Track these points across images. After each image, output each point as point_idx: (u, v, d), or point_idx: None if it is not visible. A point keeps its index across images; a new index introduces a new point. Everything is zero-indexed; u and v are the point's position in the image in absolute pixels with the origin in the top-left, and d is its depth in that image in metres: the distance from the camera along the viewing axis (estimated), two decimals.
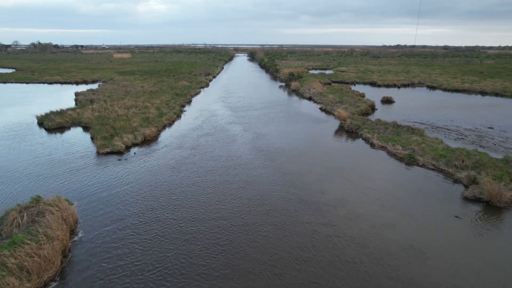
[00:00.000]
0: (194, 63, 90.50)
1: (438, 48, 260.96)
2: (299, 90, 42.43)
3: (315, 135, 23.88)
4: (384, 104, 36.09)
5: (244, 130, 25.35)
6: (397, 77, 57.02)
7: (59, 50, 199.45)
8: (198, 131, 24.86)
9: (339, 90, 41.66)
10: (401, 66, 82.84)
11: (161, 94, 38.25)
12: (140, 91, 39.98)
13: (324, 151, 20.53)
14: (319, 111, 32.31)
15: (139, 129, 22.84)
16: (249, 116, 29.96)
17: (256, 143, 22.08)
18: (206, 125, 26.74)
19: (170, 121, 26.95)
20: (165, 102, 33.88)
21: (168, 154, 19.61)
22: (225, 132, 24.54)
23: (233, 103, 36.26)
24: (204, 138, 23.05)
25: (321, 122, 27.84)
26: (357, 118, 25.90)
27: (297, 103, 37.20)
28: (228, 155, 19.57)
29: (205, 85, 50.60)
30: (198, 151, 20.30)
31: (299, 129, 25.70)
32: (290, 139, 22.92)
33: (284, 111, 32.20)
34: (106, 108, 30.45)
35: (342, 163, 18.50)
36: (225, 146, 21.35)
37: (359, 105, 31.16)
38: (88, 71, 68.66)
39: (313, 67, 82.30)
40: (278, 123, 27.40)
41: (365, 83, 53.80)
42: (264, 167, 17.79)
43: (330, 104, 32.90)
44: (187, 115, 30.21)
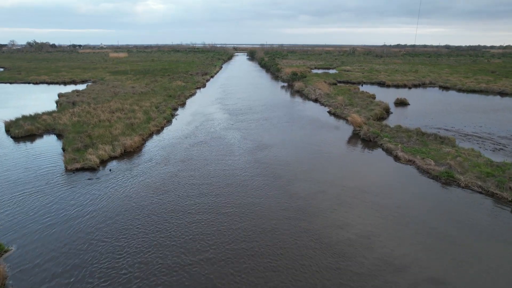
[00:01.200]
0: (191, 63, 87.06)
1: (440, 47, 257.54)
2: (304, 91, 39.00)
3: (326, 145, 20.46)
4: (398, 106, 32.68)
5: (243, 138, 21.95)
6: (406, 77, 53.63)
7: (55, 49, 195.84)
8: (190, 139, 21.44)
9: (347, 91, 38.26)
10: (407, 66, 79.47)
11: (152, 96, 34.82)
12: (130, 92, 36.55)
13: (339, 166, 17.12)
14: (328, 115, 28.88)
15: (120, 139, 19.39)
16: (249, 121, 26.55)
17: (256, 154, 18.67)
18: (200, 131, 23.32)
19: (158, 127, 23.49)
20: (155, 104, 30.44)
21: (151, 170, 16.18)
22: (221, 141, 21.12)
23: (231, 106, 32.84)
24: (197, 148, 19.63)
25: (331, 129, 24.41)
26: (374, 124, 22.48)
27: (302, 105, 33.78)
28: (223, 172, 16.16)
29: (201, 86, 47.17)
30: (188, 166, 16.88)
31: (307, 137, 22.29)
32: (296, 150, 19.51)
33: (288, 115, 28.78)
34: (88, 112, 27.02)
35: (362, 182, 15.09)
36: (220, 159, 17.93)
37: (373, 109, 27.74)
38: (80, 70, 65.21)
39: (316, 66, 78.88)
40: (281, 130, 23.98)
41: (373, 83, 50.40)
42: (266, 187, 14.38)
43: (340, 107, 29.47)
44: (179, 120, 26.78)
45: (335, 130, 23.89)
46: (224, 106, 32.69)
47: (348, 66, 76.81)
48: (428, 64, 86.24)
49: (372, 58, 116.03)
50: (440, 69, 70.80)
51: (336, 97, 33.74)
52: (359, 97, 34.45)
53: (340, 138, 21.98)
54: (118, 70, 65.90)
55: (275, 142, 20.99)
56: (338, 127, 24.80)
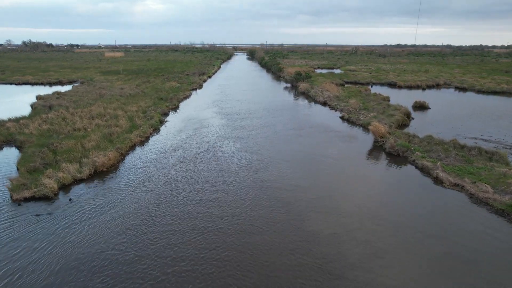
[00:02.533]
0: (189, 62, 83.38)
1: (440, 47, 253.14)
2: (310, 93, 35.31)
3: (343, 161, 16.79)
4: (416, 110, 29.01)
5: (242, 149, 18.29)
6: (418, 77, 49.99)
7: (51, 49, 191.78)
8: (179, 152, 17.76)
9: (358, 93, 34.61)
10: (414, 65, 75.87)
11: (141, 99, 31.12)
12: (117, 95, 32.84)
13: (365, 191, 13.45)
14: (340, 121, 25.19)
15: (92, 154, 15.68)
16: (249, 128, 22.88)
17: (258, 173, 15.02)
18: (192, 142, 19.64)
19: (142, 137, 19.77)
20: (143, 109, 26.75)
21: (125, 200, 12.49)
22: (216, 154, 17.45)
23: (229, 109, 29.15)
24: (186, 166, 15.95)
25: (347, 138, 20.73)
26: (399, 134, 18.78)
27: (309, 109, 30.10)
28: (217, 199, 12.49)
29: (197, 87, 43.47)
30: (174, 191, 13.20)
31: (318, 149, 18.62)
32: (306, 167, 15.85)
33: (294, 121, 25.10)
34: (64, 118, 23.33)
35: (400, 217, 11.43)
36: (214, 181, 14.25)
37: (392, 114, 24.07)
38: (70, 70, 61.46)
39: (319, 66, 75.24)
40: (287, 139, 20.32)
41: (383, 84, 46.77)
42: (272, 226, 10.72)
43: (354, 111, 25.80)
44: (169, 127, 23.08)
45: (352, 141, 20.20)
46: (222, 110, 29.01)
47: (352, 65, 73.18)
48: (435, 64, 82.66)
49: (376, 58, 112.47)
50: (450, 68, 67.21)
51: (347, 100, 30.07)
52: (372, 100, 30.80)
53: (359, 151, 18.30)
54: (110, 70, 62.19)
55: (280, 155, 17.32)
56: (355, 136, 21.11)
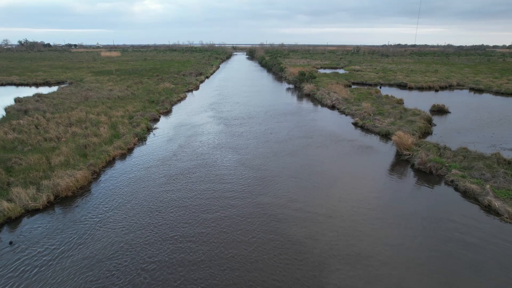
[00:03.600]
0: (186, 62, 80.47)
1: (441, 47, 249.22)
2: (316, 95, 32.33)
3: (364, 180, 13.84)
4: (435, 115, 26.05)
5: (240, 163, 15.35)
6: (428, 78, 47.05)
7: (47, 48, 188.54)
8: (166, 168, 14.80)
9: (368, 95, 31.68)
10: (421, 65, 72.98)
11: (130, 102, 28.16)
12: (104, 97, 29.87)
13: (400, 231, 10.49)
14: (353, 127, 22.24)
15: (56, 174, 12.70)
16: (249, 135, 19.94)
17: (261, 197, 12.08)
18: (183, 154, 16.68)
19: (124, 149, 16.77)
20: (130, 114, 23.81)
21: (90, 239, 9.53)
22: (211, 171, 14.49)
23: (227, 113, 26.20)
24: (173, 186, 12.99)
25: (364, 150, 17.77)
26: (431, 146, 15.79)
27: (316, 113, 27.14)
28: (210, 238, 9.54)
29: (194, 88, 40.49)
30: (155, 224, 10.25)
31: (331, 164, 15.68)
32: (321, 190, 12.89)
33: (300, 127, 22.16)
34: (37, 124, 20.38)
35: (454, 274, 8.49)
36: (207, 208, 11.29)
37: (412, 120, 21.14)
38: (61, 70, 58.45)
39: (322, 66, 72.34)
40: (293, 150, 17.37)
41: (391, 85, 43.86)
42: (281, 276, 7.77)
43: (368, 116, 22.85)
44: (157, 136, 20.11)
45: (370, 153, 17.23)
46: (219, 114, 26.05)
47: (357, 65, 70.26)
48: (441, 64, 79.80)
49: (379, 58, 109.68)
50: (459, 68, 64.31)
51: (358, 103, 27.13)
52: (385, 103, 27.88)
53: (381, 166, 15.34)
54: (103, 70, 59.20)
55: (286, 172, 14.37)
56: (373, 147, 18.15)
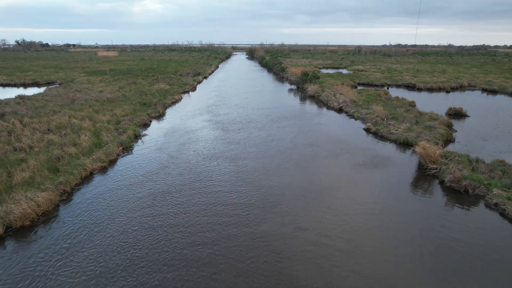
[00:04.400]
0: (184, 62, 78.26)
1: (441, 47, 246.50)
2: (321, 97, 30.07)
3: (388, 204, 11.61)
4: (452, 118, 23.81)
5: (238, 179, 13.14)
6: (437, 78, 44.83)
7: (45, 48, 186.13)
8: (151, 185, 12.57)
9: (377, 97, 29.48)
10: (425, 65, 70.81)
11: (120, 104, 25.93)
12: (92, 99, 27.64)
13: (440, 268, 8.26)
14: (364, 133, 20.01)
15: (13, 197, 10.47)
16: (248, 142, 17.71)
17: (262, 227, 9.85)
18: (172, 167, 14.45)
19: (104, 162, 14.51)
20: (118, 118, 21.59)
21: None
22: (202, 190, 12.26)
23: (224, 117, 23.97)
24: (156, 211, 10.75)
25: (381, 161, 15.54)
26: (464, 159, 13.51)
27: (322, 116, 24.90)
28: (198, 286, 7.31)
29: (190, 89, 38.26)
30: (128, 269, 8.02)
31: (345, 179, 13.46)
32: (335, 216, 10.66)
33: (305, 133, 19.94)
34: (11, 131, 18.17)
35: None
36: (194, 245, 9.06)
37: (431, 126, 18.92)
38: (53, 70, 56.22)
39: (324, 65, 70.17)
40: (299, 161, 15.15)
41: (399, 86, 41.67)
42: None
43: (381, 122, 20.63)
44: (145, 144, 17.87)
45: (388, 165, 15.00)
46: (215, 118, 23.82)
47: (360, 65, 68.04)
48: (446, 63, 77.62)
49: (381, 57, 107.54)
50: (466, 68, 62.11)
51: (368, 105, 24.92)
52: (397, 106, 25.68)
53: (403, 182, 13.10)
54: (97, 70, 56.98)
55: (291, 188, 12.16)
56: (391, 158, 15.90)
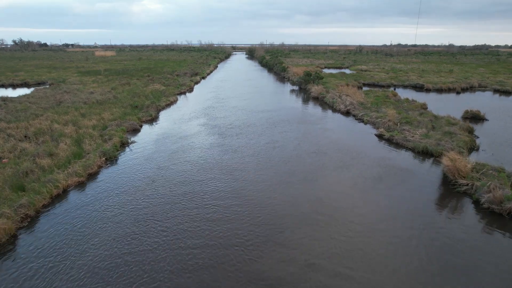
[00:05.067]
0: (182, 62, 76.37)
1: (442, 47, 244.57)
2: (325, 99, 28.14)
3: (415, 229, 9.70)
4: (468, 122, 21.91)
5: (236, 197, 11.23)
6: (445, 78, 42.95)
7: (43, 48, 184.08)
8: (132, 208, 10.66)
9: (385, 99, 27.59)
10: (430, 65, 68.97)
11: (109, 107, 24.04)
12: (81, 101, 25.73)
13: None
14: (377, 140, 18.10)
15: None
16: (247, 151, 15.80)
17: (264, 263, 7.94)
18: (160, 182, 12.55)
19: (81, 176, 12.57)
20: (106, 123, 19.68)
21: None
22: (193, 213, 10.35)
23: (222, 121, 22.07)
24: (135, 245, 8.84)
25: (400, 174, 13.63)
26: (503, 175, 11.58)
27: (328, 120, 22.99)
28: None
29: (187, 90, 36.35)
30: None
31: (361, 195, 11.57)
32: (354, 247, 8.76)
33: (310, 139, 18.03)
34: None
35: None
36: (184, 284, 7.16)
37: (451, 131, 17.03)
38: (46, 70, 54.31)
39: (326, 65, 68.32)
40: (305, 173, 13.25)
41: (406, 87, 39.80)
42: None
43: (394, 127, 18.73)
44: (132, 153, 15.95)
45: (408, 178, 13.07)
46: (212, 122, 21.92)
47: (363, 65, 66.16)
48: (450, 63, 75.75)
49: (383, 57, 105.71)
50: (472, 68, 60.24)
51: (377, 108, 23.03)
52: (407, 108, 23.81)
53: (428, 201, 11.18)
54: (91, 70, 55.06)
55: (298, 208, 10.26)
56: (411, 170, 13.97)
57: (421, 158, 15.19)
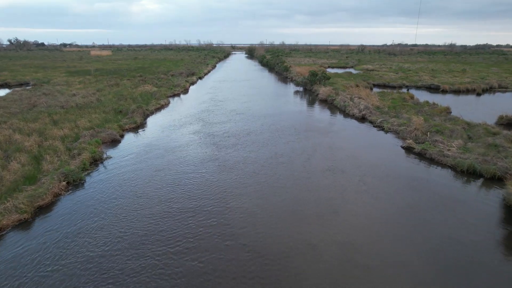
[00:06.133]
0: (179, 61, 73.28)
1: (444, 46, 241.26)
2: (335, 101, 25.00)
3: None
4: (504, 128, 18.83)
5: (231, 238, 8.15)
6: (460, 79, 39.86)
7: (39, 48, 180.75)
8: (94, 262, 7.59)
9: (402, 101, 24.53)
10: (438, 64, 65.94)
11: (89, 112, 20.95)
12: (58, 105, 22.64)
13: None
14: (404, 153, 15.00)
15: None
16: (246, 169, 12.72)
17: None
18: (131, 219, 9.47)
19: (25, 212, 9.44)
20: (80, 132, 16.58)
21: None
22: (174, 263, 7.28)
23: (218, 127, 18.98)
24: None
25: (449, 205, 10.56)
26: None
27: (341, 128, 19.89)
28: None
29: (181, 91, 33.25)
30: None
31: (400, 239, 8.51)
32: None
33: (322, 152, 14.95)
34: None
35: None
36: None
37: (497, 144, 13.96)
38: (33, 70, 51.18)
39: (329, 65, 65.26)
40: (321, 202, 10.17)
41: (419, 87, 36.72)
42: None
43: (422, 136, 15.64)
44: (105, 171, 12.86)
45: (463, 212, 9.99)
46: (207, 129, 18.83)
47: (368, 64, 63.08)
48: (457, 62, 72.67)
49: (387, 56, 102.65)
50: (484, 67, 57.15)
51: (397, 113, 19.95)
52: (429, 113, 20.76)
53: (504, 252, 8.15)
54: (82, 69, 51.95)
55: (318, 266, 7.20)
56: (462, 200, 10.87)
57: (466, 179, 12.12)
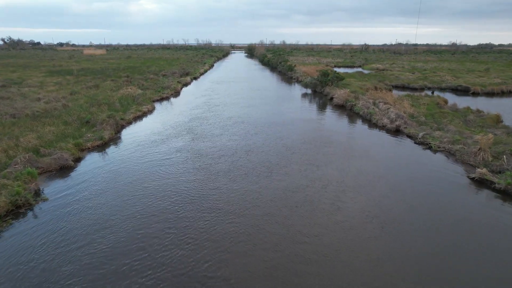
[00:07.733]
0: (174, 60, 68.72)
1: (447, 46, 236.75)
2: (356, 107, 20.36)
3: None
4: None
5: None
6: (487, 79, 35.34)
7: (33, 47, 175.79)
8: None
9: (436, 107, 20.04)
10: (452, 64, 61.49)
11: (46, 123, 16.39)
12: (9, 113, 18.07)
13: None
14: (474, 188, 10.49)
15: None
16: (245, 218, 8.19)
17: None
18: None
19: None
20: (15, 154, 12.02)
21: None
22: None
23: (210, 142, 14.44)
24: None
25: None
26: None
27: (370, 144, 15.35)
28: None
29: (171, 94, 28.67)
30: None
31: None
32: None
33: (356, 187, 10.44)
34: None
35: None
36: None
37: None
38: (11, 69, 46.52)
39: (335, 64, 60.80)
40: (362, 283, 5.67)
41: (443, 89, 32.28)
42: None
43: (493, 161, 11.13)
44: (36, 221, 8.32)
45: None
46: (195, 145, 14.29)
47: (378, 64, 58.56)
48: (470, 61, 68.23)
49: (393, 55, 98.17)
50: (503, 66, 52.69)
51: (439, 124, 15.41)
52: (479, 123, 16.26)
53: None
54: (64, 69, 47.38)
55: None
56: None
57: None
